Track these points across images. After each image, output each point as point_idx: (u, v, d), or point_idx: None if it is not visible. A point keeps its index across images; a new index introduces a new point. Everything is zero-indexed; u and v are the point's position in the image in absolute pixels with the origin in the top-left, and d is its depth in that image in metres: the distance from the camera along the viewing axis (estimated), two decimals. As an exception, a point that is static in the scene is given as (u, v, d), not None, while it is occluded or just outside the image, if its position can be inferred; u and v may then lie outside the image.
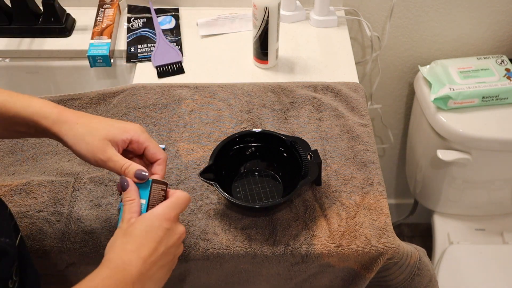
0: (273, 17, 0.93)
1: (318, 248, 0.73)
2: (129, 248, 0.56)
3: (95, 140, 0.62)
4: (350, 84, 0.97)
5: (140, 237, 0.57)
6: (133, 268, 0.55)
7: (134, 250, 0.56)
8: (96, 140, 0.62)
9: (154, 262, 0.57)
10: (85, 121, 0.63)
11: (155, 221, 0.58)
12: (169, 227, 0.59)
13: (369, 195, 0.80)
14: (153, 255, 0.57)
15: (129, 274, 0.55)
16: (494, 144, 1.15)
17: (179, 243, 0.61)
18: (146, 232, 0.57)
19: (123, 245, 0.57)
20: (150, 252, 0.56)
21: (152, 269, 0.57)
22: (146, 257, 0.56)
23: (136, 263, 0.55)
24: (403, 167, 1.59)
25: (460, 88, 1.13)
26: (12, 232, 0.56)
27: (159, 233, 0.58)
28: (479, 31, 1.25)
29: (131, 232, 0.57)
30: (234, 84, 0.97)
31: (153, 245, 0.57)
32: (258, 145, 0.83)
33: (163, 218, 0.59)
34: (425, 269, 0.80)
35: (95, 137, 0.62)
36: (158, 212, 0.59)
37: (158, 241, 0.57)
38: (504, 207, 1.36)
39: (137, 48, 1.05)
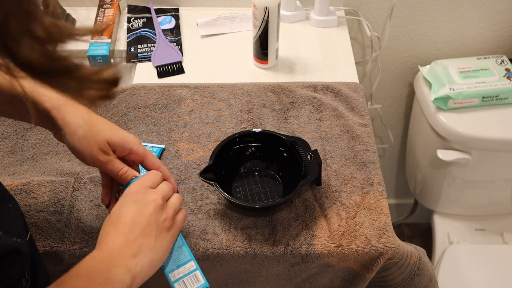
0: (273, 17, 0.93)
1: (318, 248, 0.73)
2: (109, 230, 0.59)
3: (96, 142, 0.64)
4: (350, 84, 0.97)
5: (115, 217, 0.60)
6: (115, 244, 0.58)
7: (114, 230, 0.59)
8: (97, 142, 0.64)
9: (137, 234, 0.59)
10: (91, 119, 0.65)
11: (121, 201, 0.61)
12: (135, 199, 0.61)
13: (369, 195, 0.80)
14: (132, 228, 0.59)
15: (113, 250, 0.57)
16: (494, 144, 1.15)
17: (156, 210, 0.61)
18: (119, 212, 0.60)
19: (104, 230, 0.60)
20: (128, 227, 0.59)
21: (136, 241, 0.58)
22: (126, 232, 0.58)
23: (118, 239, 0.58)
24: (403, 167, 1.59)
25: (460, 88, 1.13)
26: (24, 231, 0.57)
27: (129, 208, 0.60)
28: (479, 31, 1.25)
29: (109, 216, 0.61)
30: (234, 84, 0.97)
31: (128, 219, 0.59)
32: (258, 145, 0.83)
33: (127, 195, 0.61)
34: (425, 269, 0.80)
35: (97, 139, 0.64)
36: (125, 192, 0.62)
37: (131, 215, 0.59)
38: (504, 207, 1.36)
39: (137, 48, 1.05)
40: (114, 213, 0.61)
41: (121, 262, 0.57)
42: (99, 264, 0.56)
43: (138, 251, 0.58)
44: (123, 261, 0.57)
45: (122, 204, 0.61)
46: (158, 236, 0.60)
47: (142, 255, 0.58)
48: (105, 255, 0.57)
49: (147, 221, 0.60)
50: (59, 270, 0.77)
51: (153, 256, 0.60)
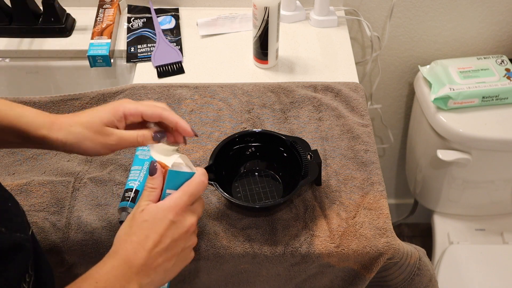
0: (273, 17, 0.93)
1: (318, 248, 0.73)
2: (134, 239, 0.57)
3: (97, 131, 0.62)
4: (350, 84, 0.97)
5: (145, 228, 0.57)
6: (138, 259, 0.56)
7: (138, 242, 0.57)
8: (97, 131, 0.62)
9: (159, 254, 0.57)
10: (77, 120, 0.63)
11: (159, 213, 0.58)
12: (174, 219, 0.58)
13: (369, 195, 0.80)
14: (157, 247, 0.57)
15: (134, 265, 0.56)
16: (494, 144, 1.15)
17: (187, 236, 0.59)
18: (151, 224, 0.57)
19: (129, 237, 0.57)
20: (154, 244, 0.57)
21: (157, 261, 0.57)
22: (150, 248, 0.56)
23: (141, 254, 0.56)
24: (403, 167, 1.59)
25: (460, 88, 1.13)
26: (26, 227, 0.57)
27: (163, 225, 0.57)
28: (479, 31, 1.25)
29: (137, 222, 0.58)
30: (234, 84, 0.97)
31: (157, 237, 0.57)
32: (258, 145, 0.83)
33: (168, 210, 0.58)
34: (425, 269, 0.80)
35: (95, 129, 0.62)
36: (165, 204, 0.59)
37: (161, 234, 0.57)
38: (504, 207, 1.36)
39: (137, 48, 1.05)
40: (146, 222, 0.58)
41: (137, 279, 0.56)
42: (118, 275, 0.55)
43: (154, 272, 0.57)
44: (139, 278, 0.56)
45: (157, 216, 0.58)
46: (177, 262, 0.60)
47: (156, 276, 0.57)
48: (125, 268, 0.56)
49: (175, 245, 0.58)
50: (59, 271, 0.77)
51: (163, 278, 0.59)
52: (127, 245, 0.57)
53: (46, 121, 0.62)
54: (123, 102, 0.65)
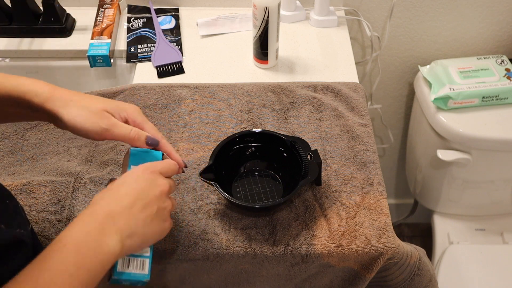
0: (273, 17, 0.93)
1: (318, 248, 0.73)
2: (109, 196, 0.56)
3: (93, 112, 0.61)
4: (350, 84, 0.98)
5: (119, 186, 0.57)
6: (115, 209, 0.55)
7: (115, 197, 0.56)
8: (94, 112, 0.61)
9: (137, 207, 0.56)
10: (79, 98, 0.62)
11: (133, 173, 0.59)
12: (147, 176, 0.58)
13: (369, 195, 0.80)
14: (135, 201, 0.56)
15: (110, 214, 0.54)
16: (494, 144, 1.15)
17: (162, 196, 0.59)
18: (126, 182, 0.58)
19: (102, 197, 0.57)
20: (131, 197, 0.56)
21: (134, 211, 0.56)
22: (129, 202, 0.56)
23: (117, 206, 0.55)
24: (403, 167, 1.59)
25: (460, 88, 1.13)
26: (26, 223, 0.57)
27: (139, 182, 0.58)
28: (479, 31, 1.25)
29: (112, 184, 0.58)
30: (234, 84, 0.97)
31: (133, 192, 0.57)
32: (258, 145, 0.83)
33: (140, 169, 0.59)
34: (425, 269, 0.80)
35: (93, 109, 0.61)
36: (138, 166, 0.60)
37: (137, 189, 0.57)
38: (504, 207, 1.36)
39: (137, 48, 1.05)
40: (119, 181, 0.58)
41: (114, 229, 0.53)
42: (91, 231, 0.52)
43: (134, 225, 0.55)
44: (117, 227, 0.53)
45: (129, 175, 0.58)
46: (154, 220, 0.57)
47: (137, 228, 0.55)
48: (98, 218, 0.53)
49: (151, 200, 0.57)
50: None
51: (144, 238, 0.57)
52: (101, 202, 0.55)
53: (46, 90, 0.61)
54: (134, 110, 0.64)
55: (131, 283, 0.59)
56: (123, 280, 0.58)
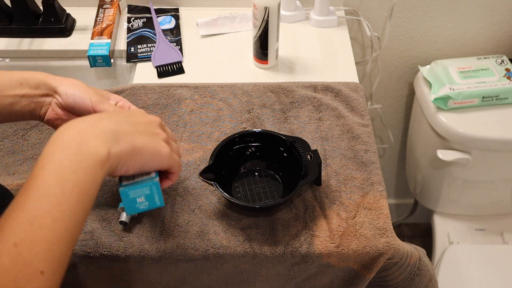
0: (273, 17, 0.93)
1: (318, 248, 0.73)
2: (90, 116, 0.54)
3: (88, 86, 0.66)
4: (350, 84, 0.98)
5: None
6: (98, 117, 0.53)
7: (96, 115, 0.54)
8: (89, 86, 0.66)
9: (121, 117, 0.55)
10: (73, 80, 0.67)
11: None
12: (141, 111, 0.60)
13: (369, 195, 0.80)
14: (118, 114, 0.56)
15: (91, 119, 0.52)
16: (494, 144, 1.15)
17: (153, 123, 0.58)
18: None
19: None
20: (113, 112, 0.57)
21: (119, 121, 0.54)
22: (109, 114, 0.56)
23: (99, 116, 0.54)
24: (403, 167, 1.59)
25: (460, 88, 1.13)
26: None
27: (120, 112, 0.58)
28: (479, 31, 1.25)
29: None
30: (234, 84, 0.97)
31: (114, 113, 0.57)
32: (258, 145, 0.83)
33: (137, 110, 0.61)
34: (425, 269, 0.80)
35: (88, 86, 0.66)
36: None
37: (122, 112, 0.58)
38: (504, 207, 1.36)
39: (137, 48, 1.05)
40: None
41: (94, 133, 0.50)
42: (68, 143, 0.48)
43: (119, 129, 0.52)
44: (97, 130, 0.50)
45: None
46: (143, 133, 0.55)
47: (123, 136, 0.52)
48: (86, 122, 0.51)
49: (137, 120, 0.56)
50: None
51: (135, 148, 0.53)
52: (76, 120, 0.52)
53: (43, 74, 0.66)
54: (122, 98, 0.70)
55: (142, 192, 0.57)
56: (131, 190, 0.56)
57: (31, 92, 0.65)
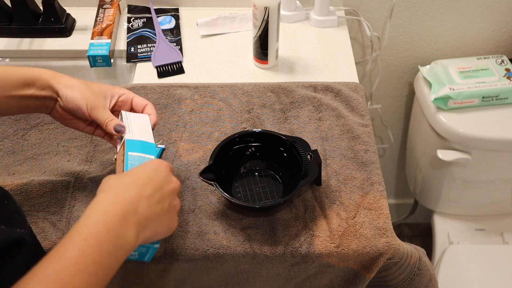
0: (273, 17, 0.93)
1: (318, 248, 0.73)
2: (127, 180, 0.57)
3: (90, 91, 0.69)
4: (350, 84, 0.98)
5: (137, 172, 0.59)
6: (137, 204, 0.55)
7: (137, 187, 0.56)
8: (91, 90, 0.70)
9: (155, 201, 0.57)
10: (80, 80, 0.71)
11: (145, 164, 0.61)
12: (166, 172, 0.61)
13: (369, 195, 0.80)
14: (154, 194, 0.57)
15: (132, 209, 0.54)
16: (494, 144, 1.15)
17: (174, 193, 0.61)
18: (143, 169, 0.60)
19: (120, 178, 0.57)
20: (153, 190, 0.57)
21: (152, 208, 0.56)
22: (149, 194, 0.57)
23: (141, 201, 0.55)
24: (403, 167, 1.59)
25: (460, 88, 1.13)
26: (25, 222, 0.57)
27: (158, 174, 0.59)
28: (479, 31, 1.25)
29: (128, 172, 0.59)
30: (234, 84, 0.97)
31: (156, 184, 0.58)
32: (258, 145, 0.83)
33: (158, 162, 0.62)
34: (425, 269, 0.80)
35: (90, 89, 0.70)
36: (156, 160, 0.63)
37: (158, 180, 0.59)
38: (504, 207, 1.36)
39: (137, 48, 1.05)
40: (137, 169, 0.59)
41: (134, 220, 0.53)
42: (113, 222, 0.52)
43: (150, 217, 0.55)
44: (137, 218, 0.54)
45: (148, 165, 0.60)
46: (166, 215, 0.59)
47: (151, 223, 0.56)
48: (120, 206, 0.53)
49: (166, 195, 0.59)
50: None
51: (154, 232, 0.57)
52: (121, 187, 0.56)
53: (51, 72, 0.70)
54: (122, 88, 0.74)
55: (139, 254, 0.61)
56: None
57: (37, 93, 0.68)
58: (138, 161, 0.65)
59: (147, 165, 0.61)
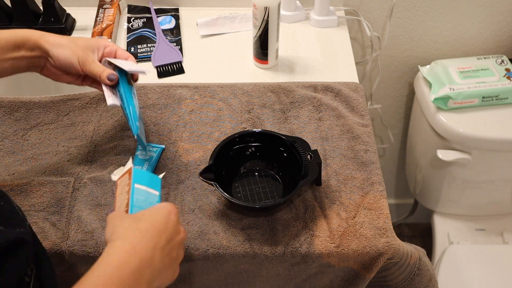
0: (273, 17, 0.93)
1: (318, 248, 0.73)
2: (143, 227, 0.56)
3: (79, 47, 0.75)
4: (350, 84, 0.98)
5: (151, 221, 0.58)
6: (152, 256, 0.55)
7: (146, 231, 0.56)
8: (80, 47, 0.75)
9: (166, 253, 0.57)
10: (66, 38, 0.76)
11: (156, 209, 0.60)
12: (175, 222, 0.60)
13: (369, 195, 0.80)
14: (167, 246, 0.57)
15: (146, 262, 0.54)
16: (494, 144, 1.15)
17: (181, 243, 0.61)
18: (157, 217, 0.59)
19: (136, 224, 0.57)
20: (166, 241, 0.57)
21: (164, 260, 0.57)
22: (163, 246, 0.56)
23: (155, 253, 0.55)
24: (403, 167, 1.59)
25: (460, 88, 1.13)
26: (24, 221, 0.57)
27: (170, 224, 0.59)
28: (479, 31, 1.25)
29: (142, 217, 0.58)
30: (234, 84, 0.97)
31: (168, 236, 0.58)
32: (258, 145, 0.83)
33: (171, 210, 0.61)
34: (425, 269, 0.80)
35: (78, 45, 0.75)
36: (168, 206, 0.61)
37: (168, 230, 0.58)
38: (504, 207, 1.36)
39: (137, 48, 1.05)
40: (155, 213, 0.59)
41: (147, 275, 0.54)
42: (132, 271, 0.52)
43: (160, 269, 0.56)
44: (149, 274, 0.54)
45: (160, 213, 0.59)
46: (172, 265, 0.59)
47: (160, 274, 0.56)
48: (136, 261, 0.53)
49: (174, 246, 0.59)
50: (59, 270, 0.77)
51: (160, 282, 0.58)
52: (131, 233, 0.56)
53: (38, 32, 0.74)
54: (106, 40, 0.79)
55: None
56: None
57: (28, 54, 0.73)
58: (143, 196, 0.64)
59: (159, 211, 0.60)
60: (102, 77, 0.75)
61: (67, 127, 0.90)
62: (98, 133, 0.89)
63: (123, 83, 0.77)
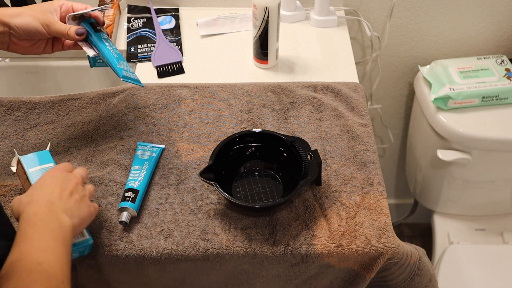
0: (273, 17, 0.93)
1: (318, 248, 0.73)
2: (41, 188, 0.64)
3: (37, 11, 0.75)
4: (350, 84, 0.98)
5: (40, 182, 0.66)
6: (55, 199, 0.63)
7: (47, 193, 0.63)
8: (38, 11, 0.75)
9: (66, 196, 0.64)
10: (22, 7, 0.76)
11: (47, 173, 0.67)
12: (62, 174, 0.67)
13: (369, 195, 0.80)
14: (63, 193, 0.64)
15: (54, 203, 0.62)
16: (494, 144, 1.15)
17: (78, 186, 0.67)
18: (44, 178, 0.66)
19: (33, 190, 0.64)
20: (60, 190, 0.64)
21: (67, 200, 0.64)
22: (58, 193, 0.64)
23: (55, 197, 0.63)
24: (403, 167, 1.59)
25: (460, 88, 1.13)
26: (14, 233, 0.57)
27: (56, 177, 0.66)
28: (479, 31, 1.25)
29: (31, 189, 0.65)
30: (234, 84, 0.97)
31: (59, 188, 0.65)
32: (258, 145, 0.83)
33: (50, 170, 0.68)
34: (425, 269, 0.80)
35: (36, 10, 0.75)
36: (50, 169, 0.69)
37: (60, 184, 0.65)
38: (504, 207, 1.36)
39: (137, 48, 1.05)
40: (39, 180, 0.66)
41: (59, 210, 0.61)
42: (47, 212, 0.60)
43: (71, 208, 0.63)
44: (60, 209, 0.62)
45: (47, 174, 0.67)
46: (82, 204, 0.65)
47: (74, 212, 0.63)
48: (46, 205, 0.61)
49: (72, 190, 0.65)
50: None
51: (81, 219, 0.64)
52: (37, 197, 0.62)
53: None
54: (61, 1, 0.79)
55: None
56: None
57: None
58: (40, 174, 0.73)
59: (43, 176, 0.67)
60: (71, 33, 0.76)
61: (67, 127, 0.90)
62: (98, 133, 0.89)
63: (92, 33, 0.79)
